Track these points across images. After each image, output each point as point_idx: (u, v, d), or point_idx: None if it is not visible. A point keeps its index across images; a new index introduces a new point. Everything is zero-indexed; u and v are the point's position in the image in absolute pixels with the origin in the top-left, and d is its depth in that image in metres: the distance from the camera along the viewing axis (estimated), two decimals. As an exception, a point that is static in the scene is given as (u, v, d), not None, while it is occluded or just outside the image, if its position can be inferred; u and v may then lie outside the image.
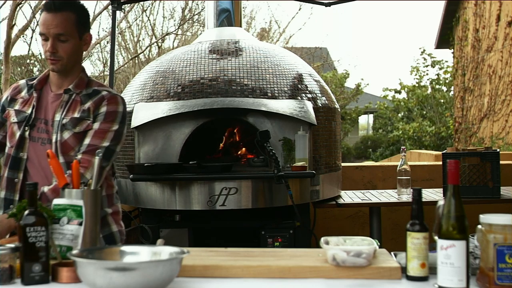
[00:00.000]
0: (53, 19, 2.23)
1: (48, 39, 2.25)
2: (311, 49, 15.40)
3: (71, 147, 2.30)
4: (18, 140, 2.31)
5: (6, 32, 6.50)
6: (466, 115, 12.03)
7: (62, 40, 2.25)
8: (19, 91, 2.40)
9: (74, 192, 1.99)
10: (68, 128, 2.30)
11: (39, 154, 2.30)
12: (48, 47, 2.25)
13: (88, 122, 2.31)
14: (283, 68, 3.92)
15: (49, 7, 2.25)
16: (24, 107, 2.35)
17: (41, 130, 2.32)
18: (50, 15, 2.24)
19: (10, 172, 2.33)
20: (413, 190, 1.74)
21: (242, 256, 1.90)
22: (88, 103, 2.32)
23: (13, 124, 2.34)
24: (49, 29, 2.24)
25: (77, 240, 1.89)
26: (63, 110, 2.32)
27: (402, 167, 4.06)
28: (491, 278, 1.58)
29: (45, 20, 2.24)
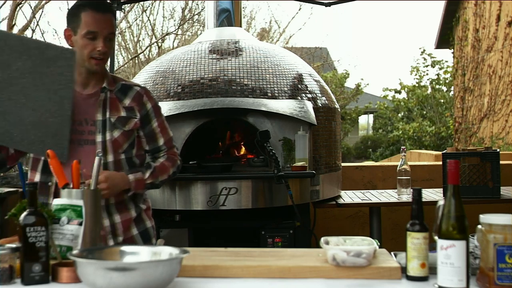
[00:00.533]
0: (104, 18, 2.24)
1: (95, 38, 2.22)
2: (311, 49, 15.40)
3: (121, 145, 2.31)
4: None
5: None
6: (466, 115, 12.03)
7: (109, 39, 2.27)
8: None
9: (74, 192, 1.99)
10: (118, 126, 2.30)
11: (78, 155, 2.23)
12: (100, 46, 2.22)
13: (135, 120, 2.34)
14: (283, 68, 3.92)
15: (99, 7, 2.25)
16: None
17: (76, 131, 2.27)
18: (100, 14, 2.23)
19: (43, 176, 2.29)
20: (413, 190, 1.74)
21: (242, 256, 1.90)
22: (127, 101, 2.35)
23: None
24: (102, 29, 2.23)
25: (77, 240, 1.89)
26: (104, 109, 2.30)
27: (402, 167, 4.06)
28: (491, 278, 1.58)
29: (96, 19, 2.22)
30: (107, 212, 2.29)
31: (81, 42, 2.23)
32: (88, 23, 2.22)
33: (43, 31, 12.78)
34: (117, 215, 2.32)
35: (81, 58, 2.25)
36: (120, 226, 2.33)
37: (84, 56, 2.24)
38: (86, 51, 2.23)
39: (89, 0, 2.27)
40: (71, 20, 2.27)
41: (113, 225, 2.31)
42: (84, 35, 2.22)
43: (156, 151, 2.43)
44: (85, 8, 2.24)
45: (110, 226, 2.30)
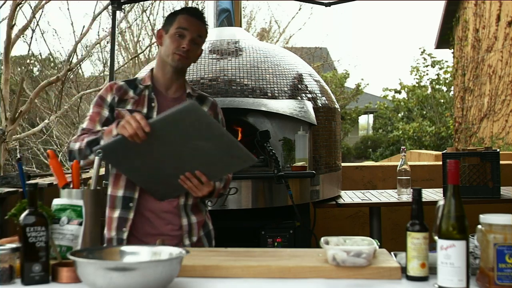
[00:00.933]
0: (198, 23, 2.34)
1: (184, 36, 2.30)
2: (311, 49, 15.39)
3: None
4: None
5: (6, 32, 6.50)
6: (466, 115, 12.03)
7: (196, 43, 2.33)
8: (125, 91, 2.36)
9: (74, 192, 1.99)
10: None
11: None
12: (185, 43, 2.29)
13: None
14: (283, 68, 3.92)
15: (195, 13, 2.36)
16: (137, 106, 2.33)
17: None
18: (194, 18, 2.34)
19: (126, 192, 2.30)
20: (413, 190, 1.74)
21: (242, 256, 1.90)
22: (205, 108, 2.41)
23: None
24: (192, 28, 2.31)
25: (77, 240, 1.89)
26: None
27: (402, 167, 4.06)
28: (491, 278, 1.58)
29: (189, 20, 2.32)
30: (185, 212, 2.34)
31: (170, 40, 2.32)
32: (180, 22, 2.32)
33: (43, 31, 12.79)
34: (193, 216, 2.37)
35: (166, 54, 2.33)
36: (196, 226, 2.38)
37: (170, 51, 2.31)
38: (173, 46, 2.31)
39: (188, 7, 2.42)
40: (167, 22, 2.37)
41: (190, 225, 2.36)
42: (174, 32, 2.31)
43: None
44: (183, 12, 2.37)
45: (188, 226, 2.35)
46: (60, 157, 9.25)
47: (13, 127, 6.47)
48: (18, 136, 7.49)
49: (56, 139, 9.99)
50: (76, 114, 9.31)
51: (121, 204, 2.31)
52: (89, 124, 2.33)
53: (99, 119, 2.33)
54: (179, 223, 2.33)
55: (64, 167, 4.10)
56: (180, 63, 2.32)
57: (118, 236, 2.31)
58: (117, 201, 2.32)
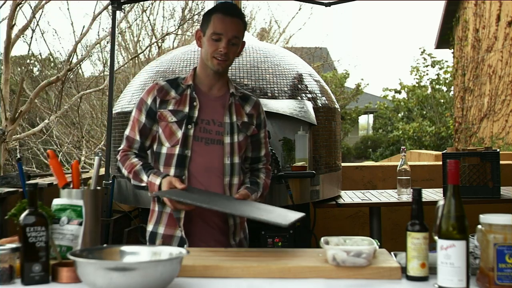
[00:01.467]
0: (232, 22, 2.32)
1: (220, 39, 2.30)
2: (311, 49, 15.39)
3: (242, 148, 2.41)
4: (183, 138, 2.32)
5: (6, 32, 6.50)
6: (466, 115, 12.03)
7: (233, 43, 2.33)
8: (166, 92, 2.38)
9: (74, 192, 1.99)
10: (243, 131, 2.40)
11: (203, 153, 2.33)
12: (222, 47, 2.30)
13: (253, 127, 2.45)
14: (283, 68, 3.92)
15: (228, 11, 2.34)
16: (179, 106, 2.35)
17: (203, 130, 2.34)
18: (229, 18, 2.32)
19: (177, 170, 2.32)
20: (413, 190, 1.74)
21: (242, 256, 1.90)
22: (248, 108, 2.45)
23: (171, 124, 2.34)
24: (227, 31, 2.30)
25: (77, 240, 1.89)
26: (230, 113, 2.39)
27: (402, 167, 4.06)
28: (491, 278, 1.58)
29: (223, 22, 2.31)
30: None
31: (207, 43, 2.33)
32: (215, 25, 2.31)
33: (43, 31, 12.79)
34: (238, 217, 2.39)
35: (205, 57, 2.35)
36: (239, 227, 2.42)
37: (208, 55, 2.33)
38: (210, 51, 2.32)
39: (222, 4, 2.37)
40: (203, 22, 2.37)
41: (235, 225, 2.39)
42: (210, 36, 2.32)
43: (256, 161, 2.52)
44: (217, 11, 2.34)
45: (233, 226, 2.38)
46: (60, 157, 9.25)
47: (13, 127, 6.47)
48: (18, 136, 7.49)
49: (56, 139, 9.98)
50: (76, 114, 9.30)
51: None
52: (131, 132, 2.41)
53: (138, 125, 2.39)
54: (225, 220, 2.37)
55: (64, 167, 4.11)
56: (219, 67, 2.33)
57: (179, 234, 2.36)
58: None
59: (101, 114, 10.19)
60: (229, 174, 2.36)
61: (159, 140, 2.38)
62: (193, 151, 2.33)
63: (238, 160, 2.38)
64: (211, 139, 2.35)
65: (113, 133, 4.00)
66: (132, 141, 2.40)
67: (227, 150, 2.35)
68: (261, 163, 2.53)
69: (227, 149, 2.35)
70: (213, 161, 2.34)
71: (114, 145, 4.03)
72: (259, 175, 2.50)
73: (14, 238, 1.94)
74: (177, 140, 2.32)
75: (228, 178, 2.36)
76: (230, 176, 2.36)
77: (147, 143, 2.41)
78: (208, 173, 2.34)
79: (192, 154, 2.33)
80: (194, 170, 2.33)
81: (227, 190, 2.35)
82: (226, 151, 2.35)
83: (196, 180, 2.33)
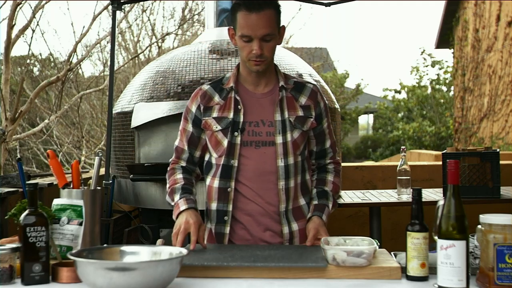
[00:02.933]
0: (259, 19, 2.09)
1: (251, 40, 2.10)
2: (311, 49, 15.38)
3: (299, 146, 2.21)
4: (228, 147, 2.16)
5: (6, 32, 6.49)
6: (466, 115, 12.03)
7: (267, 40, 2.11)
8: (209, 97, 2.22)
9: (74, 192, 1.99)
10: (297, 126, 2.19)
11: (254, 157, 2.16)
12: (255, 49, 2.10)
13: (311, 120, 2.23)
14: (283, 68, 3.92)
15: (252, 6, 2.09)
16: (223, 112, 2.18)
17: (252, 133, 2.17)
18: (254, 15, 2.08)
19: (222, 181, 2.18)
20: (413, 190, 1.74)
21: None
22: (303, 99, 2.23)
23: (216, 133, 2.18)
24: (255, 31, 2.09)
25: (77, 240, 1.89)
26: (281, 109, 2.19)
27: (402, 167, 4.06)
28: (491, 278, 1.58)
29: (249, 21, 2.09)
30: (285, 218, 2.20)
31: (239, 44, 2.15)
32: (241, 26, 2.11)
33: (43, 31, 12.79)
34: (295, 223, 2.22)
35: (242, 58, 2.18)
36: (298, 234, 2.23)
37: (244, 57, 2.16)
38: (245, 52, 2.14)
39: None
40: (231, 20, 2.18)
41: (291, 233, 2.21)
42: (240, 37, 2.13)
43: (322, 155, 2.31)
44: (240, 7, 2.12)
45: (288, 234, 2.21)
46: (60, 157, 9.25)
47: (13, 127, 6.46)
48: (18, 136, 7.49)
49: (56, 139, 9.98)
50: (76, 114, 9.30)
51: (216, 217, 2.21)
52: (180, 143, 2.28)
53: (185, 135, 2.26)
54: (279, 230, 2.20)
55: (64, 167, 4.11)
56: (259, 67, 2.15)
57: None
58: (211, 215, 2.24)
59: (101, 114, 10.18)
60: (284, 177, 2.17)
61: (208, 149, 2.24)
62: (242, 157, 2.16)
63: (293, 161, 2.19)
64: (262, 141, 2.17)
65: (113, 133, 4.00)
66: (180, 152, 2.27)
67: (280, 151, 2.16)
68: (328, 157, 2.31)
69: (280, 150, 2.16)
70: (266, 165, 2.16)
71: (114, 145, 4.03)
72: (326, 179, 2.29)
73: (14, 238, 1.94)
74: (223, 150, 2.17)
75: (283, 181, 2.17)
76: (285, 179, 2.17)
77: (196, 153, 2.26)
78: (261, 178, 2.17)
79: (242, 161, 2.16)
80: (244, 177, 2.17)
81: (282, 195, 2.17)
82: (279, 152, 2.16)
83: (247, 188, 2.17)
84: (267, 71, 2.20)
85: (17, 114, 6.44)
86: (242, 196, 2.19)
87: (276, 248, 2.03)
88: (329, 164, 2.32)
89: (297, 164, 2.21)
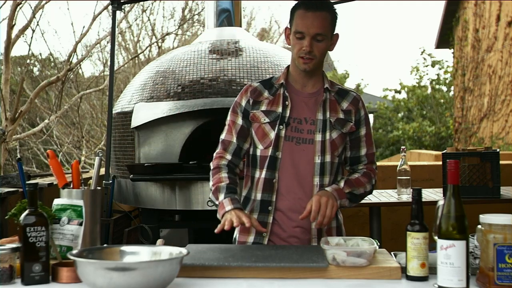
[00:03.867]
0: (314, 18, 2.18)
1: (303, 37, 2.19)
2: (311, 49, 15.34)
3: (337, 147, 2.27)
4: (275, 140, 2.23)
5: (6, 32, 6.50)
6: (466, 115, 12.03)
7: (318, 40, 2.19)
8: (259, 93, 2.30)
9: (74, 192, 1.99)
10: (337, 128, 2.26)
11: (293, 153, 2.24)
12: (305, 45, 2.19)
13: (351, 124, 2.29)
14: (283, 68, 3.91)
15: (310, 6, 2.19)
16: (272, 106, 2.27)
17: (295, 129, 2.25)
18: (310, 13, 2.18)
19: (268, 172, 2.24)
20: (413, 190, 1.74)
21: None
22: (345, 104, 2.31)
23: (263, 125, 2.26)
24: (309, 28, 2.17)
25: (77, 240, 1.89)
26: (324, 109, 2.27)
27: (402, 167, 4.06)
28: (491, 278, 1.58)
29: (305, 19, 2.19)
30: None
31: (292, 41, 2.24)
32: (297, 22, 2.20)
33: (43, 31, 12.79)
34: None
35: (293, 56, 2.26)
36: (325, 232, 2.27)
37: (294, 54, 2.24)
38: (295, 50, 2.22)
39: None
40: (290, 19, 2.26)
41: (320, 230, 2.25)
42: (294, 34, 2.22)
43: (356, 161, 2.36)
44: (300, 6, 2.22)
45: (316, 230, 2.24)
46: (60, 157, 9.25)
47: (13, 127, 6.47)
48: (18, 136, 7.49)
49: (56, 139, 9.98)
50: (76, 114, 9.31)
51: (259, 207, 2.26)
52: (227, 136, 2.33)
53: (234, 128, 2.32)
54: (309, 227, 2.24)
55: (64, 167, 4.11)
56: (306, 66, 2.23)
57: (256, 240, 2.26)
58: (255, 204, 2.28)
59: (101, 114, 10.19)
60: (319, 173, 2.23)
61: (253, 142, 2.31)
62: (284, 152, 2.24)
63: (330, 159, 2.24)
64: (302, 138, 2.24)
65: (113, 133, 4.00)
66: (228, 144, 2.33)
67: (318, 148, 2.23)
68: (362, 164, 2.37)
69: (317, 147, 2.23)
70: (303, 161, 2.23)
71: (114, 145, 4.03)
72: (351, 175, 2.34)
73: (14, 238, 1.94)
74: (270, 142, 2.24)
75: (318, 178, 2.23)
76: (320, 175, 2.23)
77: (245, 145, 2.33)
78: (297, 175, 2.23)
79: (284, 155, 2.24)
80: (283, 170, 2.24)
81: (315, 191, 2.21)
82: (316, 149, 2.23)
83: (284, 183, 2.23)
84: (315, 72, 2.28)
85: (17, 114, 6.44)
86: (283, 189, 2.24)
87: (276, 248, 2.04)
88: (361, 169, 2.37)
89: (333, 164, 2.26)
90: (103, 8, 7.91)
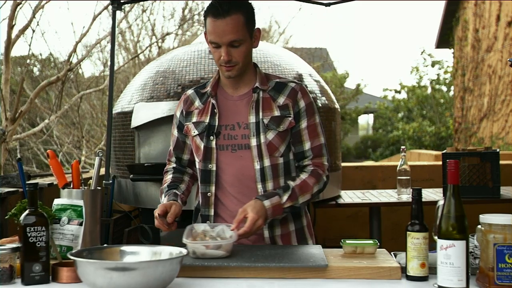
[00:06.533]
0: (224, 25, 2.04)
1: (220, 46, 2.07)
2: (311, 49, 15.39)
3: (276, 147, 2.14)
4: (205, 152, 2.15)
5: (6, 32, 6.49)
6: (466, 115, 12.03)
7: (235, 46, 2.07)
8: (191, 102, 2.23)
9: (74, 192, 1.99)
10: (272, 128, 2.13)
11: (231, 161, 2.14)
12: (222, 55, 2.07)
13: (289, 119, 2.15)
14: (283, 68, 3.92)
15: (217, 13, 2.05)
16: (201, 117, 2.19)
17: (228, 136, 2.15)
18: (219, 21, 2.04)
19: (203, 186, 2.19)
20: (413, 190, 1.74)
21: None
22: (282, 99, 2.16)
23: (195, 137, 2.19)
24: (221, 38, 2.05)
25: (77, 240, 1.90)
26: (257, 110, 2.15)
27: (402, 167, 4.06)
28: (491, 278, 1.58)
29: (215, 28, 2.06)
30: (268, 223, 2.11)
31: (211, 50, 2.13)
32: (209, 32, 2.09)
33: (43, 31, 12.79)
34: (278, 228, 2.16)
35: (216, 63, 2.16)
36: (280, 239, 2.17)
37: (216, 62, 2.14)
38: (215, 58, 2.12)
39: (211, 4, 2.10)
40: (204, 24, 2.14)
41: (273, 238, 2.15)
42: (209, 43, 2.12)
43: (301, 157, 2.19)
44: (208, 13, 2.09)
45: (269, 239, 2.15)
46: (60, 157, 9.25)
47: (13, 127, 6.47)
48: (18, 136, 7.49)
49: (56, 139, 9.98)
50: (76, 114, 9.31)
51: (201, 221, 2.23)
52: (171, 145, 2.33)
53: (172, 140, 2.32)
54: (261, 233, 2.15)
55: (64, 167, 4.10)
56: (230, 73, 2.12)
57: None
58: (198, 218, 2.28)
59: (101, 114, 10.19)
60: (261, 180, 2.13)
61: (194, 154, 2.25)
62: (220, 162, 2.15)
63: (270, 163, 2.13)
64: (238, 144, 2.14)
65: (113, 133, 4.00)
66: (170, 155, 2.33)
67: (255, 154, 2.12)
68: (307, 159, 2.19)
69: (254, 152, 2.12)
70: (243, 169, 2.13)
71: (114, 145, 4.03)
72: (298, 176, 2.16)
73: (14, 238, 1.95)
74: (202, 155, 2.18)
75: (260, 184, 2.13)
76: (262, 182, 2.13)
77: (184, 156, 2.29)
78: (240, 183, 2.14)
79: (220, 166, 2.15)
80: (224, 182, 2.16)
81: None
82: (254, 154, 2.12)
83: (227, 193, 2.16)
84: (244, 74, 2.17)
85: (17, 114, 6.44)
86: (222, 201, 2.19)
87: (276, 248, 2.03)
88: (307, 166, 2.19)
89: (276, 166, 2.15)
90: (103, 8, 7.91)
